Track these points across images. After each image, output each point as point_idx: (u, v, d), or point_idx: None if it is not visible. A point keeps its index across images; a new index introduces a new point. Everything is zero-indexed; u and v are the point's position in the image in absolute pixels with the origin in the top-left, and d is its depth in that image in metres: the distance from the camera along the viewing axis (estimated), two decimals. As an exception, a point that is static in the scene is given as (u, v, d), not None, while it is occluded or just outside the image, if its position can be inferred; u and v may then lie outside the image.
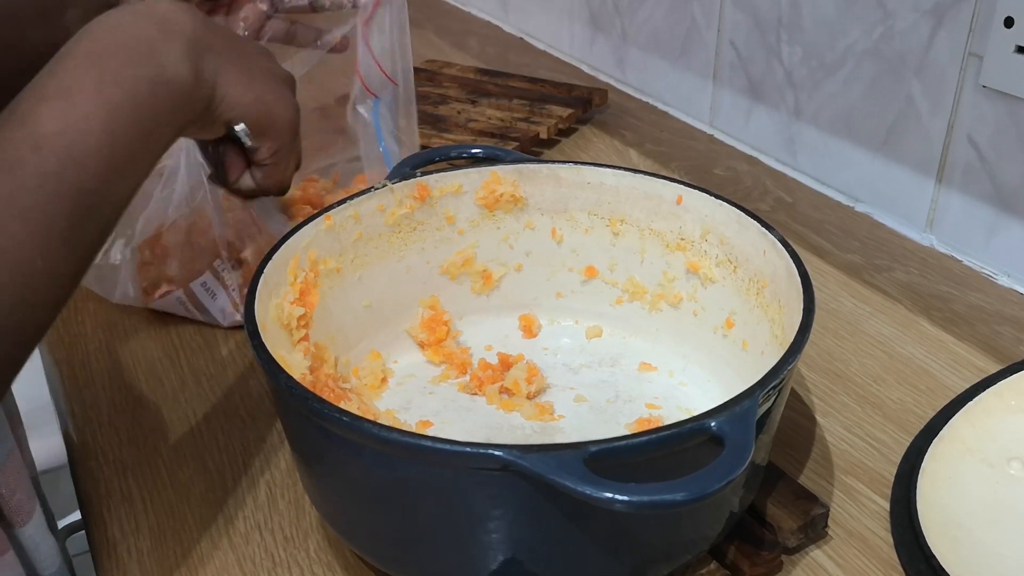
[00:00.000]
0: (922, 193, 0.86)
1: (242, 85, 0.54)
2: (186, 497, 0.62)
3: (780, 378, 0.49)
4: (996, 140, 0.79)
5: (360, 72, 0.77)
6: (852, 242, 0.87)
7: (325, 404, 0.47)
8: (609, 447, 0.44)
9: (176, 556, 0.58)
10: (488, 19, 1.46)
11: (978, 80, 0.78)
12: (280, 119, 0.57)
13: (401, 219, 0.68)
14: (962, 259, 0.84)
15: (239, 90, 0.54)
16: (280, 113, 0.57)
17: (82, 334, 0.77)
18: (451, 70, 1.20)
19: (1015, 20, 0.74)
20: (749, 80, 1.01)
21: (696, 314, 0.68)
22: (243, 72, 0.54)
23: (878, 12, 0.85)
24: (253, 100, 0.55)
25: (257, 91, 0.55)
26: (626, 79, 1.20)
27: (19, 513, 0.52)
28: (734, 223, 0.64)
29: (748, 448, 0.44)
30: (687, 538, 0.52)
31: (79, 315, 0.79)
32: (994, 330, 0.75)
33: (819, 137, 0.95)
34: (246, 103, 0.54)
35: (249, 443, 0.66)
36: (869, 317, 0.77)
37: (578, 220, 0.71)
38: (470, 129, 1.04)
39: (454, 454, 0.44)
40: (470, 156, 0.75)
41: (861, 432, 0.66)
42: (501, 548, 0.48)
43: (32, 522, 0.53)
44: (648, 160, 1.03)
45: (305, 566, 0.57)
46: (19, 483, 0.52)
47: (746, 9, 0.99)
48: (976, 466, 0.60)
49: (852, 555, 0.57)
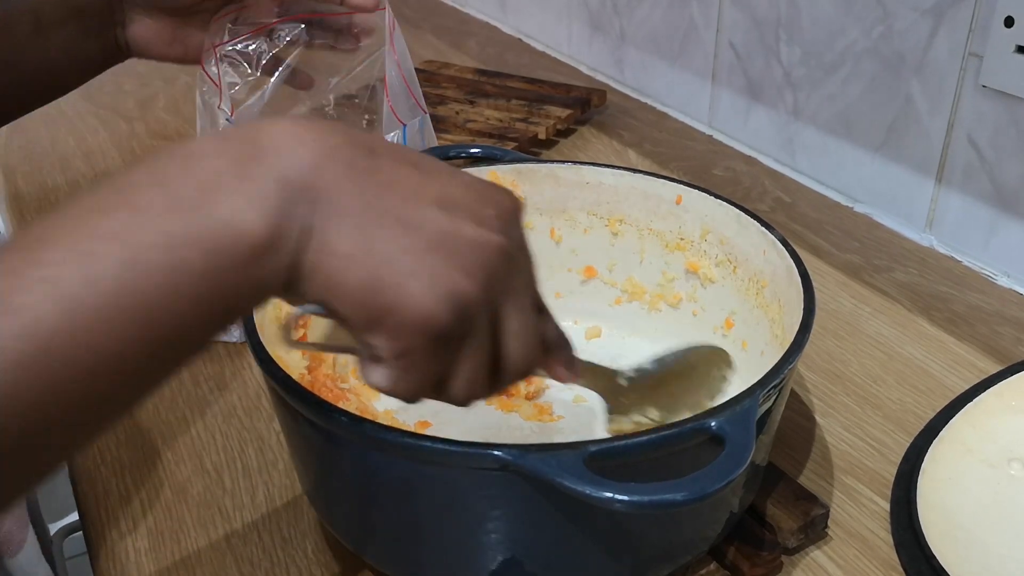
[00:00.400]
0: (922, 193, 0.86)
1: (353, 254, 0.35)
2: (184, 497, 0.61)
3: (780, 378, 0.49)
4: (996, 140, 0.78)
5: (389, 100, 0.76)
6: (851, 242, 0.87)
7: (323, 404, 0.47)
8: (609, 447, 0.44)
9: (174, 557, 0.57)
10: (486, 19, 1.45)
11: (978, 80, 0.78)
12: (404, 312, 0.36)
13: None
14: (962, 259, 0.84)
15: (341, 262, 0.35)
16: (406, 303, 0.36)
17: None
18: (449, 71, 1.20)
19: (1015, 20, 0.74)
20: (748, 80, 1.01)
21: (696, 314, 0.68)
22: (365, 233, 0.35)
23: (877, 11, 0.85)
24: (364, 279, 0.35)
25: (377, 265, 0.35)
26: (624, 79, 1.20)
27: (9, 544, 0.51)
28: (734, 223, 0.64)
29: (748, 448, 0.44)
30: (687, 538, 0.52)
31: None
32: (994, 330, 0.75)
33: (818, 137, 0.95)
34: (351, 282, 0.35)
35: (247, 443, 0.65)
36: (869, 317, 0.77)
37: (577, 220, 0.71)
38: (468, 130, 1.04)
39: (453, 454, 0.44)
40: (468, 156, 0.75)
41: (861, 432, 0.65)
42: (500, 548, 0.48)
43: (24, 551, 0.51)
44: (647, 160, 1.02)
45: (303, 567, 0.56)
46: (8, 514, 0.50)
47: (745, 9, 0.99)
48: (976, 467, 0.60)
49: (852, 556, 0.57)
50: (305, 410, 0.47)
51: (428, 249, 0.36)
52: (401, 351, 0.37)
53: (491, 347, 0.40)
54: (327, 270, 0.35)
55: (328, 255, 0.35)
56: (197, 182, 0.34)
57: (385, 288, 0.35)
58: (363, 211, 0.35)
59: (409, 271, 0.36)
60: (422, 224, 0.36)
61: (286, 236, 0.34)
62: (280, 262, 0.34)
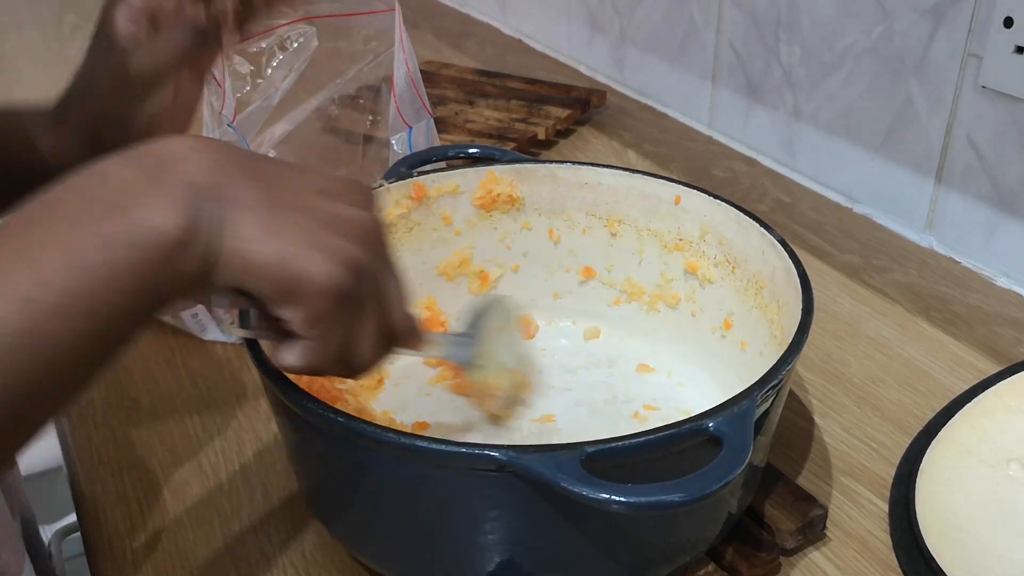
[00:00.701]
0: (921, 194, 0.86)
1: (260, 236, 0.41)
2: (182, 498, 0.61)
3: (779, 378, 0.49)
4: (995, 140, 0.78)
5: (396, 101, 0.76)
6: (851, 243, 0.87)
7: (321, 405, 0.47)
8: (606, 448, 0.43)
9: (172, 557, 0.57)
10: (486, 20, 1.45)
11: (977, 80, 0.78)
12: (311, 280, 0.41)
13: (398, 219, 0.68)
14: (961, 260, 0.84)
15: (252, 245, 0.40)
16: (312, 271, 0.41)
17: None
18: (449, 71, 1.20)
19: (1014, 20, 0.74)
20: (748, 80, 1.01)
21: (694, 315, 0.68)
22: (267, 219, 0.41)
23: (877, 12, 0.85)
24: (273, 256, 0.41)
25: (282, 243, 0.41)
26: (624, 80, 1.20)
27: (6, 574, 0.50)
28: (733, 223, 0.64)
29: (746, 449, 0.44)
30: (685, 539, 0.52)
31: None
32: (993, 331, 0.75)
33: (818, 137, 0.95)
34: (261, 260, 0.40)
35: (245, 444, 0.65)
36: (868, 318, 0.77)
37: (576, 220, 0.71)
38: (468, 130, 1.04)
39: (451, 455, 0.44)
40: (467, 156, 0.75)
41: (860, 433, 0.65)
42: (498, 549, 0.48)
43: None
44: (647, 161, 1.02)
45: (301, 567, 0.56)
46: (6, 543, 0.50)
47: (745, 9, 0.99)
48: (975, 467, 0.60)
49: (851, 557, 0.56)
50: (303, 411, 0.47)
51: (320, 227, 0.42)
52: (313, 316, 0.42)
53: (379, 311, 0.45)
54: (240, 253, 0.40)
55: (239, 240, 0.40)
56: (115, 191, 0.39)
57: (291, 261, 0.41)
58: (262, 202, 0.41)
59: (310, 244, 0.41)
60: (311, 208, 0.43)
61: (200, 229, 0.39)
62: (197, 253, 0.39)
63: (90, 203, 0.38)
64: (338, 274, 0.42)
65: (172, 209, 0.39)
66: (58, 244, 0.37)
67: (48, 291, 0.36)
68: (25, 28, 1.47)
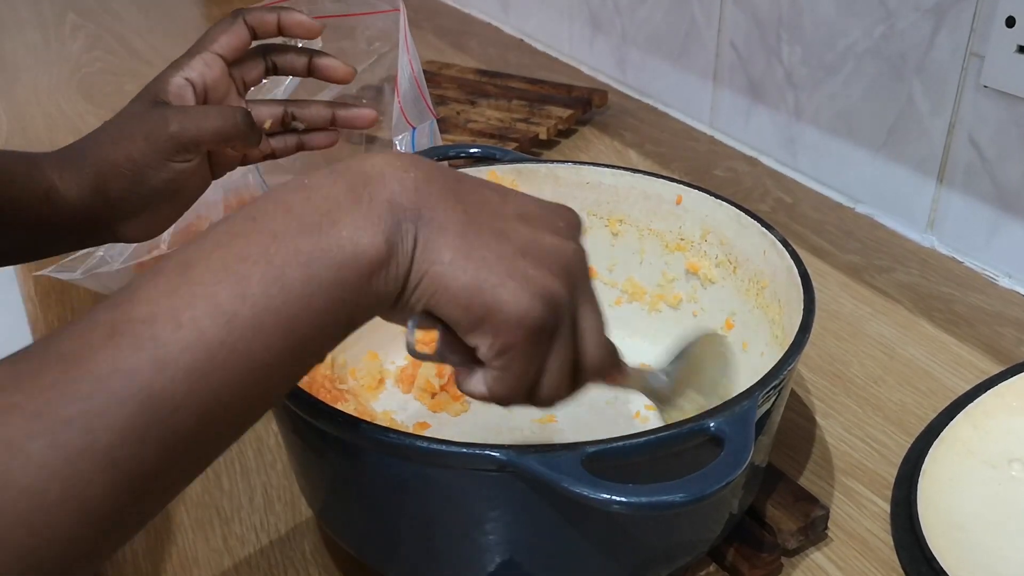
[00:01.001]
0: (923, 194, 0.86)
1: (456, 261, 0.39)
2: (181, 498, 0.61)
3: (780, 378, 0.48)
4: (997, 140, 0.78)
5: (400, 101, 0.76)
6: (852, 243, 0.87)
7: (321, 405, 0.47)
8: (607, 448, 0.43)
9: (172, 558, 0.57)
10: (488, 20, 1.45)
11: (979, 80, 0.78)
12: (505, 309, 0.40)
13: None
14: (963, 260, 0.84)
15: (448, 269, 0.39)
16: (505, 301, 0.40)
17: (79, 334, 0.77)
18: (450, 71, 1.20)
19: (1016, 20, 0.73)
20: (749, 80, 1.01)
21: (696, 315, 0.68)
22: (465, 243, 0.40)
23: (879, 11, 0.84)
24: (467, 282, 0.39)
25: (477, 269, 0.40)
26: (626, 80, 1.20)
27: None
28: (734, 223, 0.64)
29: (748, 449, 0.44)
30: (686, 540, 0.51)
31: (74, 314, 0.79)
32: (995, 331, 0.75)
33: (819, 137, 0.94)
34: (456, 285, 0.39)
35: (245, 444, 0.65)
36: (870, 318, 0.77)
37: (577, 220, 0.70)
38: (469, 130, 1.03)
39: (451, 455, 0.44)
40: (467, 156, 0.74)
41: (861, 433, 0.65)
42: (498, 549, 0.48)
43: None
44: (648, 161, 1.02)
45: (301, 568, 0.56)
46: None
47: (746, 9, 0.98)
48: (977, 468, 0.60)
49: (852, 557, 0.56)
50: (303, 411, 0.47)
51: (518, 255, 0.41)
52: (502, 347, 0.41)
53: (573, 345, 0.43)
54: (434, 276, 0.39)
55: (434, 263, 0.39)
56: (319, 208, 0.38)
57: (486, 289, 0.40)
58: (460, 225, 0.40)
59: (506, 273, 0.40)
60: (510, 234, 0.41)
61: (398, 250, 0.39)
62: (393, 274, 0.39)
63: (294, 218, 0.38)
64: (533, 306, 0.40)
65: (374, 228, 0.38)
66: (260, 258, 0.36)
67: (248, 304, 0.35)
68: (26, 27, 1.47)
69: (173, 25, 1.47)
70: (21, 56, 1.36)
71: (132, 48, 1.36)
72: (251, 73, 0.65)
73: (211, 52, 0.62)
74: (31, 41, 1.42)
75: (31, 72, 1.30)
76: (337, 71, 0.65)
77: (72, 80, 1.26)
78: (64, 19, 1.49)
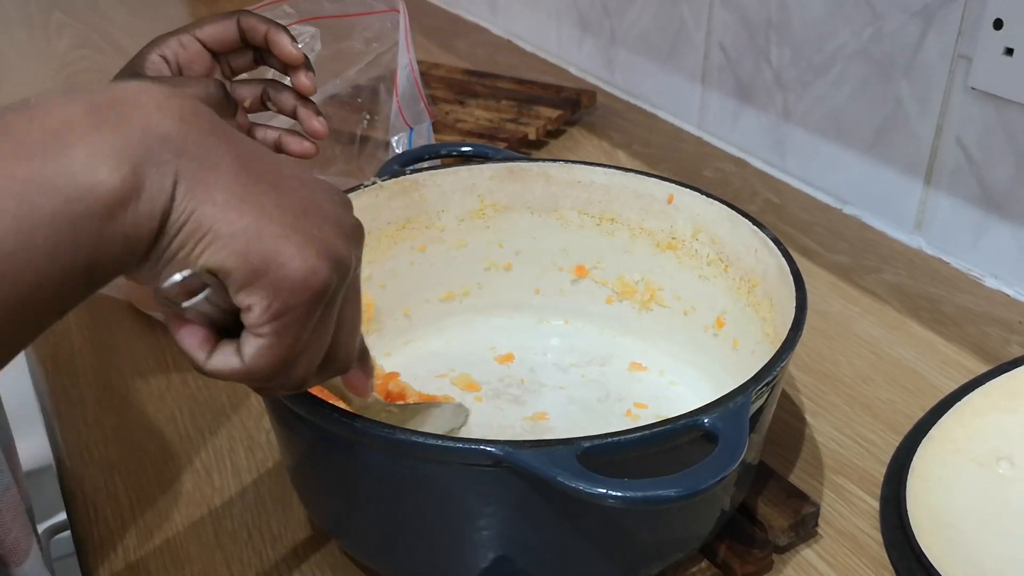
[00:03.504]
0: (910, 195, 0.86)
1: (231, 202, 0.34)
2: (173, 496, 0.61)
3: (773, 375, 0.49)
4: (984, 142, 0.79)
5: (398, 101, 0.76)
6: (841, 244, 0.87)
7: (315, 400, 0.46)
8: (602, 443, 0.43)
9: (163, 555, 0.57)
10: (476, 21, 1.45)
11: (967, 82, 0.78)
12: (290, 265, 0.35)
13: (390, 216, 0.68)
14: (950, 261, 0.84)
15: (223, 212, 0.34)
16: (292, 255, 0.35)
17: (67, 332, 0.76)
18: (439, 71, 1.20)
19: (1004, 22, 0.74)
20: (738, 82, 1.01)
21: (687, 313, 0.68)
22: (240, 186, 0.35)
23: (867, 13, 0.85)
24: (246, 226, 0.34)
25: (257, 216, 0.35)
26: (614, 81, 1.20)
27: (15, 552, 0.50)
28: (725, 222, 0.64)
29: (741, 444, 0.44)
30: (679, 536, 0.52)
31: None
32: (982, 331, 0.75)
33: (808, 139, 0.95)
34: (230, 230, 0.34)
35: (236, 441, 0.65)
36: (858, 318, 0.77)
37: (568, 219, 0.71)
38: (458, 130, 1.04)
39: (446, 450, 0.44)
40: (459, 154, 0.75)
41: (851, 432, 0.66)
42: (493, 545, 0.48)
43: (29, 560, 0.51)
44: (636, 162, 1.02)
45: (293, 564, 0.56)
46: (15, 520, 0.49)
47: (735, 11, 0.99)
48: (965, 466, 0.60)
49: (842, 554, 0.57)
50: (296, 407, 0.47)
51: (302, 211, 0.36)
52: (279, 310, 0.36)
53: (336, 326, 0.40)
54: (203, 217, 0.34)
55: (204, 202, 0.34)
56: (47, 130, 0.32)
57: (267, 238, 0.35)
58: (235, 165, 0.35)
59: (290, 226, 0.35)
60: (293, 191, 0.37)
61: (149, 184, 0.33)
62: (146, 211, 0.33)
63: (11, 140, 0.32)
64: (320, 267, 0.36)
65: (117, 156, 0.32)
66: None
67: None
68: (12, 25, 1.46)
69: (160, 24, 1.45)
70: (7, 54, 1.36)
71: (119, 47, 1.36)
72: (238, 60, 0.66)
73: (189, 34, 0.63)
74: (17, 39, 1.41)
75: (17, 71, 1.29)
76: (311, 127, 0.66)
77: (58, 78, 1.25)
78: (50, 17, 1.48)
